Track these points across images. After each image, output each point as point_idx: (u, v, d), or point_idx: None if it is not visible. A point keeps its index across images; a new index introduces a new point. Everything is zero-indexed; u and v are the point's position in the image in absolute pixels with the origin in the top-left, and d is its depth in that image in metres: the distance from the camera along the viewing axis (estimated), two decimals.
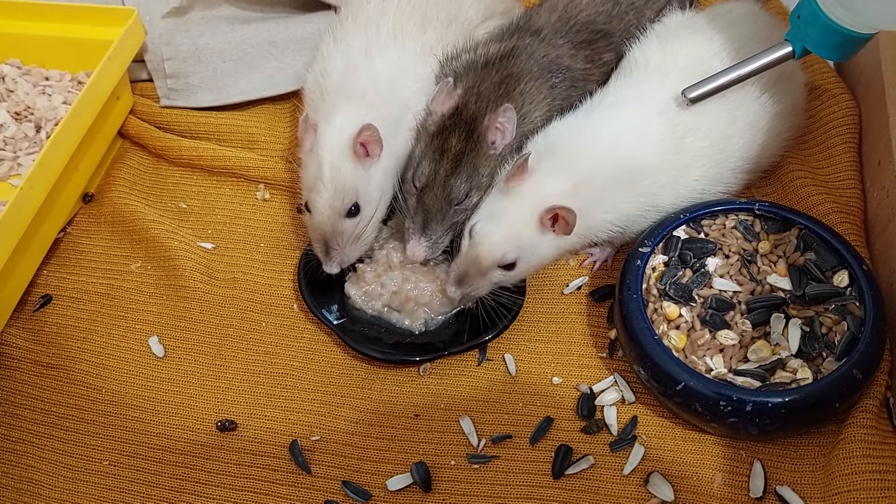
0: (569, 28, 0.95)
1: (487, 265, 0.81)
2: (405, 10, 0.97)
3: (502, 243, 0.81)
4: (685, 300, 0.81)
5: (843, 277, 0.79)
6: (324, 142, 0.88)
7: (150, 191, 1.06)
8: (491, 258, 0.81)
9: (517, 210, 0.81)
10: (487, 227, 0.81)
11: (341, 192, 0.86)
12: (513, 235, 0.81)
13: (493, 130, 0.86)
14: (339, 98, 0.91)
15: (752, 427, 0.73)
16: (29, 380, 0.90)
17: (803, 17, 0.80)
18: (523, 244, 0.81)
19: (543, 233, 0.82)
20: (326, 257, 0.89)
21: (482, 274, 0.82)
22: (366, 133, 0.85)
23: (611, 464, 0.78)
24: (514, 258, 0.82)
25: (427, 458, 0.81)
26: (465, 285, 0.83)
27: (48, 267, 0.99)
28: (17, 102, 1.08)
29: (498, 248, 0.81)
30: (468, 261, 0.82)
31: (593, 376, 0.85)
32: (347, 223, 0.88)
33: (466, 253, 0.82)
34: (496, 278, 0.83)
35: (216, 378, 0.88)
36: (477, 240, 0.81)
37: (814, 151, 0.96)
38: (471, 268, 0.82)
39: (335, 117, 0.89)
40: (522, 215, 0.81)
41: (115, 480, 0.82)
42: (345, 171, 0.86)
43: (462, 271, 0.83)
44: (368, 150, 0.87)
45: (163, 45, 1.11)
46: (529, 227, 0.81)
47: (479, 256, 0.81)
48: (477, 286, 0.83)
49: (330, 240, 0.88)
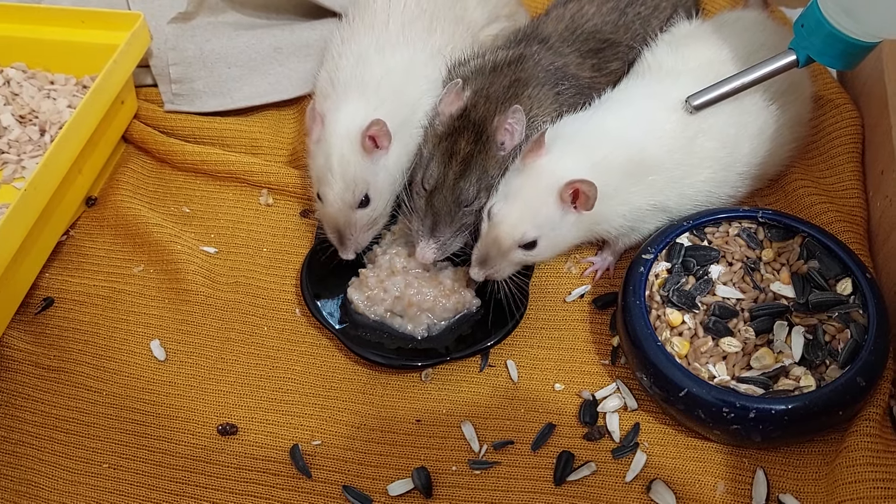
0: (576, 37, 0.96)
1: (508, 245, 0.81)
2: (413, 12, 0.98)
3: (521, 221, 0.80)
4: (688, 307, 0.81)
5: (846, 285, 0.79)
6: (333, 134, 0.88)
7: (153, 195, 1.06)
8: (511, 238, 0.81)
9: (534, 187, 0.80)
10: (506, 206, 0.81)
11: (351, 185, 0.87)
12: (532, 213, 0.80)
13: (503, 132, 0.86)
14: (351, 89, 0.92)
15: (755, 434, 0.72)
16: (30, 382, 0.90)
17: (807, 25, 0.80)
18: (543, 221, 0.81)
19: (564, 210, 0.81)
20: (342, 245, 0.90)
21: (503, 255, 0.82)
22: (375, 128, 0.86)
23: (613, 471, 0.78)
24: (535, 236, 0.81)
25: (428, 464, 0.80)
26: (487, 267, 0.83)
27: (50, 270, 0.99)
28: (21, 106, 1.08)
29: (517, 228, 0.80)
30: (488, 242, 0.82)
31: (596, 383, 0.84)
32: (360, 213, 0.89)
33: (486, 234, 0.82)
34: (518, 258, 0.83)
35: (217, 382, 0.88)
36: (496, 220, 0.81)
37: (817, 161, 0.96)
38: (492, 248, 0.82)
39: (344, 109, 0.90)
40: (540, 192, 0.80)
41: (116, 484, 0.82)
42: (354, 164, 0.87)
43: (483, 253, 0.82)
44: (378, 143, 0.87)
45: (168, 51, 1.12)
46: (548, 204, 0.80)
47: (499, 236, 0.81)
48: (499, 267, 0.83)
49: (343, 230, 0.89)
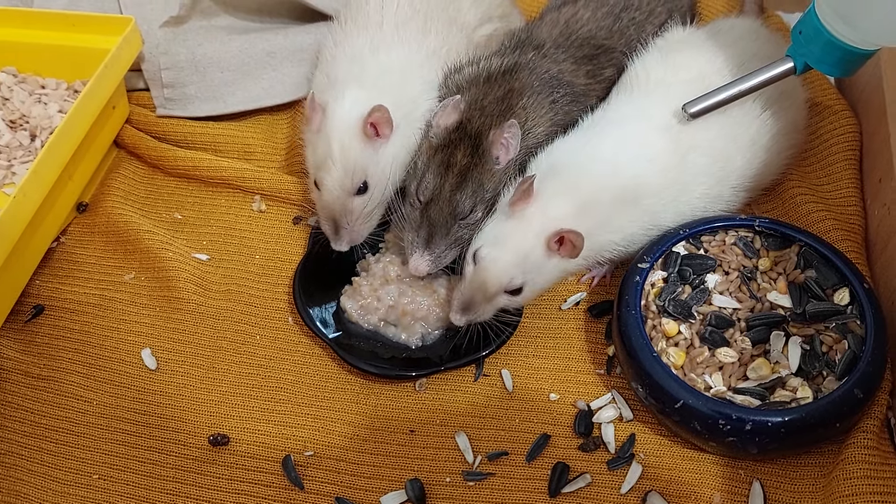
0: (570, 43, 0.95)
1: (494, 290, 0.80)
2: (406, 13, 0.98)
3: (509, 268, 0.80)
4: (684, 317, 0.80)
5: (843, 295, 0.78)
6: (333, 121, 0.88)
7: (144, 201, 1.05)
8: (498, 283, 0.80)
9: (523, 233, 0.80)
10: (493, 251, 0.80)
11: (350, 171, 0.87)
12: (519, 259, 0.80)
13: (498, 146, 0.85)
14: (349, 84, 0.92)
15: (752, 446, 0.72)
16: (19, 391, 0.89)
17: (805, 32, 0.79)
18: (530, 268, 0.80)
19: (549, 256, 0.81)
20: (336, 236, 0.89)
21: (488, 299, 0.81)
22: (376, 114, 0.85)
23: (608, 482, 0.77)
24: (521, 282, 0.81)
25: (422, 475, 0.79)
26: (470, 312, 0.82)
27: (41, 277, 0.98)
28: (12, 111, 1.07)
29: (505, 273, 0.80)
30: (474, 286, 0.81)
31: (591, 393, 0.84)
32: (357, 201, 0.88)
33: (472, 279, 0.81)
34: (501, 303, 0.82)
35: (209, 391, 0.87)
36: (483, 265, 0.80)
37: (814, 168, 0.96)
38: (476, 294, 0.81)
39: (345, 98, 0.89)
40: (528, 239, 0.80)
41: (106, 495, 0.81)
42: (355, 151, 0.87)
43: (468, 297, 0.81)
44: (379, 131, 0.87)
45: (160, 55, 1.11)
46: (536, 251, 0.80)
47: (486, 281, 0.80)
48: (482, 312, 0.82)
49: (339, 218, 0.88)
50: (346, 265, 0.93)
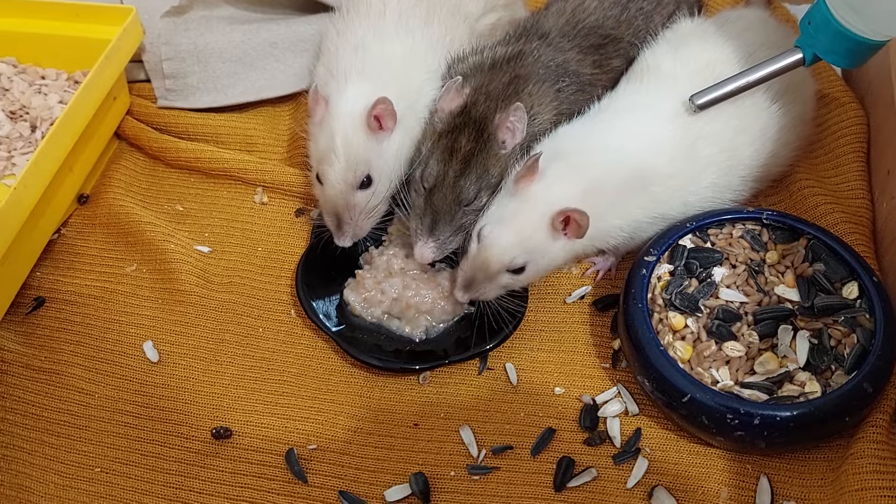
0: (576, 32, 0.94)
1: (496, 269, 0.80)
2: (409, 2, 0.97)
3: (512, 247, 0.79)
4: (691, 310, 0.80)
5: (852, 289, 0.78)
6: (336, 113, 0.87)
7: (146, 193, 1.05)
8: (500, 262, 0.80)
9: (527, 213, 0.80)
10: (496, 230, 0.80)
11: (353, 165, 0.86)
12: (522, 239, 0.79)
13: (504, 130, 0.85)
14: (351, 76, 0.91)
15: (760, 441, 0.71)
16: (21, 384, 0.88)
17: (814, 23, 0.79)
18: (533, 248, 0.80)
19: (554, 236, 0.80)
20: (339, 231, 0.89)
21: (490, 278, 0.81)
22: (380, 106, 0.85)
23: (614, 477, 0.77)
24: (524, 262, 0.80)
25: (426, 469, 0.79)
26: (472, 290, 0.82)
27: (42, 269, 0.97)
28: (12, 101, 1.06)
29: (507, 252, 0.79)
30: (476, 264, 0.81)
31: (596, 387, 0.83)
32: (360, 195, 0.87)
33: (475, 256, 0.81)
34: (504, 282, 0.82)
35: (211, 384, 0.87)
36: (486, 243, 0.80)
37: (822, 160, 0.95)
38: (479, 272, 0.81)
39: (348, 90, 0.89)
40: (532, 218, 0.79)
41: (108, 488, 0.80)
42: (358, 144, 0.86)
43: (470, 275, 0.81)
44: (382, 124, 0.86)
45: (161, 45, 1.10)
46: (539, 231, 0.80)
47: (488, 260, 0.80)
48: (485, 290, 0.82)
49: (342, 213, 0.87)
50: (350, 258, 0.92)
